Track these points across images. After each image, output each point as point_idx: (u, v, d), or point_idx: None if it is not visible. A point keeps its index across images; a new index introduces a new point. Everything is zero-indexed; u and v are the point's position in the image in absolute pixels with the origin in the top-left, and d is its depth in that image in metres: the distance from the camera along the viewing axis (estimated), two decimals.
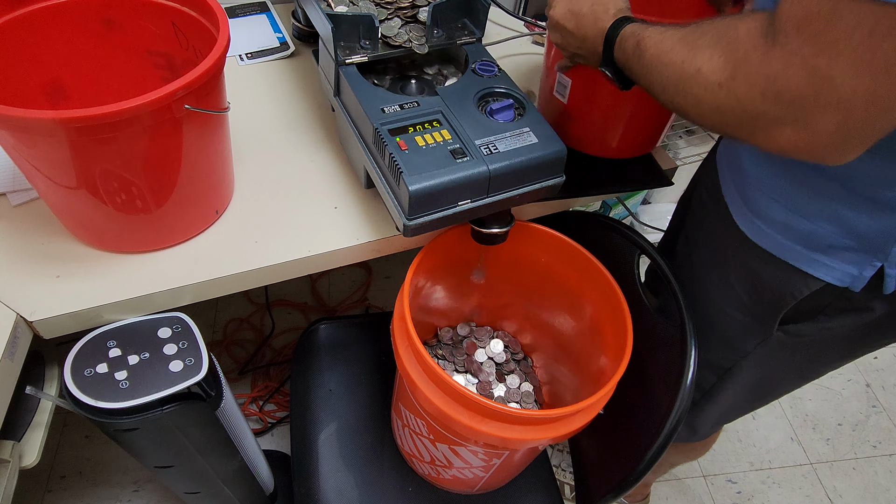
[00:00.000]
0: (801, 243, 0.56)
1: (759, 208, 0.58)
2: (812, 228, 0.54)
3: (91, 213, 0.57)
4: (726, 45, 0.40)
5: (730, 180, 0.62)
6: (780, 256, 0.58)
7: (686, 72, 0.43)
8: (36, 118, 0.43)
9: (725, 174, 0.64)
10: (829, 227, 0.53)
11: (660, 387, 0.67)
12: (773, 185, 0.56)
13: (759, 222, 0.58)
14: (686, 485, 1.32)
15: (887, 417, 1.48)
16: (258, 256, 0.63)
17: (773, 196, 0.56)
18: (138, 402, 0.54)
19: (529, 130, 0.61)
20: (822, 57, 0.35)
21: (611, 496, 0.70)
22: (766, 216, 0.57)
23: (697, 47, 0.42)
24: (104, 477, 1.18)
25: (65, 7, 0.57)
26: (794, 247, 0.56)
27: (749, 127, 0.41)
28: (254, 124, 0.77)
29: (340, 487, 0.78)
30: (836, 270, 0.55)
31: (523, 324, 0.88)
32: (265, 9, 0.96)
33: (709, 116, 0.43)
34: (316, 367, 0.90)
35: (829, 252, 0.54)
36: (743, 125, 0.41)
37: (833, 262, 0.55)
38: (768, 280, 0.60)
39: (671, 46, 0.45)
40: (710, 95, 0.41)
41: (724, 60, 0.40)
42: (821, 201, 0.53)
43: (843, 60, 0.34)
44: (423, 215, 0.58)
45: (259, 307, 1.45)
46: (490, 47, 0.76)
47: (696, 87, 0.43)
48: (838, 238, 0.53)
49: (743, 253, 0.62)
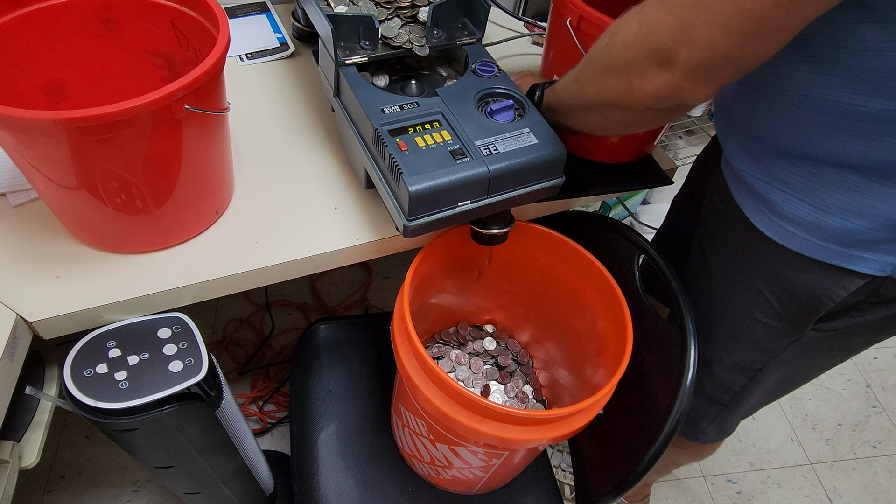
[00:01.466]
0: (836, 241, 0.55)
1: (786, 212, 0.57)
2: (845, 225, 0.53)
3: (91, 214, 0.57)
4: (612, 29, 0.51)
5: (744, 187, 0.61)
6: (814, 258, 0.57)
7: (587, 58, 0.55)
8: (36, 118, 0.43)
9: (738, 181, 0.62)
10: (862, 222, 0.52)
11: (660, 387, 0.67)
12: (801, 186, 0.55)
13: (788, 226, 0.57)
14: (686, 485, 1.32)
15: (887, 418, 1.48)
16: (258, 257, 0.63)
17: (802, 197, 0.55)
18: (138, 403, 0.54)
19: (529, 131, 0.61)
20: (681, 8, 0.43)
21: (611, 496, 0.70)
22: (795, 219, 0.56)
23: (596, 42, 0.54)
24: (104, 477, 1.18)
25: (65, 7, 0.57)
26: (828, 246, 0.56)
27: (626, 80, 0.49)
28: (254, 124, 0.77)
29: (340, 487, 0.78)
30: (875, 262, 0.54)
31: (523, 324, 0.88)
32: (265, 9, 0.96)
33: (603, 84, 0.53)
34: (316, 368, 0.90)
35: (866, 246, 0.54)
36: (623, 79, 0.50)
37: (872, 255, 0.54)
38: (802, 285, 0.60)
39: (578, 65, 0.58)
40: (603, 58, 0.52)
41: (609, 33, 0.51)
42: (851, 197, 0.52)
43: (668, 14, 0.44)
44: (423, 216, 0.58)
45: (259, 307, 1.45)
46: (490, 48, 0.76)
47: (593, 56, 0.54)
48: (873, 232, 0.53)
49: (771, 259, 0.61)
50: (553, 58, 0.74)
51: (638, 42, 0.47)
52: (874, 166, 0.49)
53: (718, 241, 0.70)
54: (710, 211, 0.71)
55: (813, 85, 0.49)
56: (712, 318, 0.71)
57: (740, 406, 0.79)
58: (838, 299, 0.58)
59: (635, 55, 0.47)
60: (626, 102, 0.51)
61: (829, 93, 0.48)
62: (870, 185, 0.51)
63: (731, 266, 0.68)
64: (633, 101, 0.50)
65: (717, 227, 0.70)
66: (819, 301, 0.60)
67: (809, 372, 0.75)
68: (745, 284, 0.66)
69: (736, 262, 0.67)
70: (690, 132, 1.35)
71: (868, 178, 0.50)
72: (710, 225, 0.71)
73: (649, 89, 0.47)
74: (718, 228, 0.69)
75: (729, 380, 0.75)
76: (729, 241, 0.67)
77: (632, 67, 0.48)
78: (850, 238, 0.54)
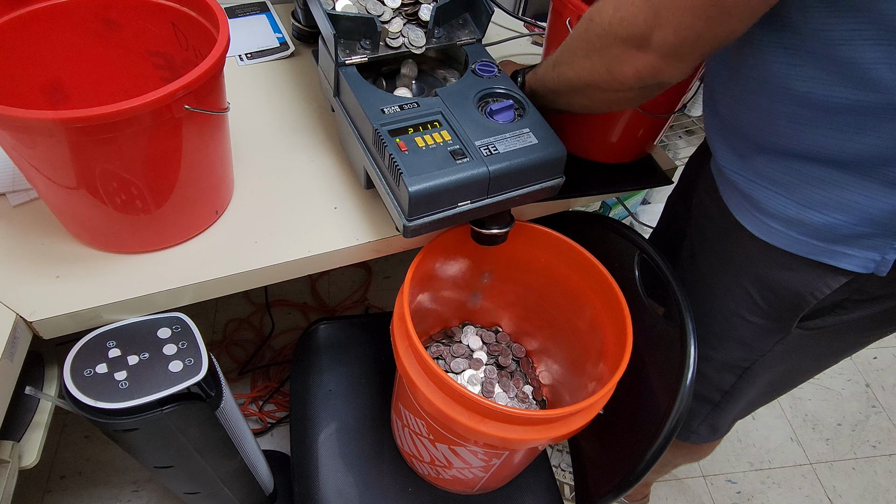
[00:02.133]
0: (818, 237, 0.55)
1: (769, 207, 0.57)
2: (826, 221, 0.54)
3: (91, 214, 0.57)
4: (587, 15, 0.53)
5: (730, 185, 0.62)
6: (797, 253, 0.57)
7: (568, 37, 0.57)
8: (36, 118, 0.43)
9: (725, 179, 0.63)
10: (843, 217, 0.53)
11: (660, 387, 0.67)
12: (782, 182, 0.56)
13: (772, 221, 0.58)
14: (686, 485, 1.32)
15: (887, 417, 1.48)
16: (258, 256, 0.63)
17: (784, 193, 0.56)
18: (138, 403, 0.54)
19: (529, 131, 0.61)
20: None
21: (611, 496, 0.70)
22: (777, 215, 0.57)
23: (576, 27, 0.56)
24: (104, 477, 1.18)
25: (65, 7, 0.57)
26: (810, 241, 0.56)
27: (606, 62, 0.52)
28: (254, 124, 0.77)
29: (340, 487, 0.78)
30: (857, 258, 0.54)
31: (523, 324, 0.88)
32: (265, 9, 0.96)
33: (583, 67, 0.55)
34: (316, 368, 0.90)
35: (848, 241, 0.54)
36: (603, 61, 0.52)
37: (853, 251, 0.54)
38: (785, 282, 0.60)
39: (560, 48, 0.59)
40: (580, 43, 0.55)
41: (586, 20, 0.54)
42: (831, 192, 0.52)
43: None
44: (423, 216, 0.58)
45: (259, 307, 1.45)
46: (490, 48, 0.76)
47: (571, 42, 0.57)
48: (854, 227, 0.53)
49: (755, 257, 0.61)
50: None
51: (614, 28, 0.49)
52: (852, 160, 0.50)
53: (707, 241, 0.70)
54: (699, 210, 0.72)
55: (790, 77, 0.49)
56: (701, 317, 0.71)
57: (731, 406, 0.79)
58: (821, 296, 0.58)
59: (613, 41, 0.50)
60: (608, 84, 0.53)
61: (806, 85, 0.49)
62: (848, 179, 0.51)
63: (718, 265, 0.68)
64: (613, 82, 0.53)
65: (705, 226, 0.70)
66: (802, 298, 0.60)
67: (801, 372, 0.75)
68: (732, 283, 0.66)
69: (723, 260, 0.67)
70: (690, 132, 1.35)
71: (846, 172, 0.51)
72: (699, 224, 0.72)
73: (629, 71, 0.50)
74: (707, 227, 0.70)
75: (718, 379, 0.76)
76: (717, 240, 0.68)
77: (610, 52, 0.51)
78: (831, 233, 0.54)
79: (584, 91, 0.57)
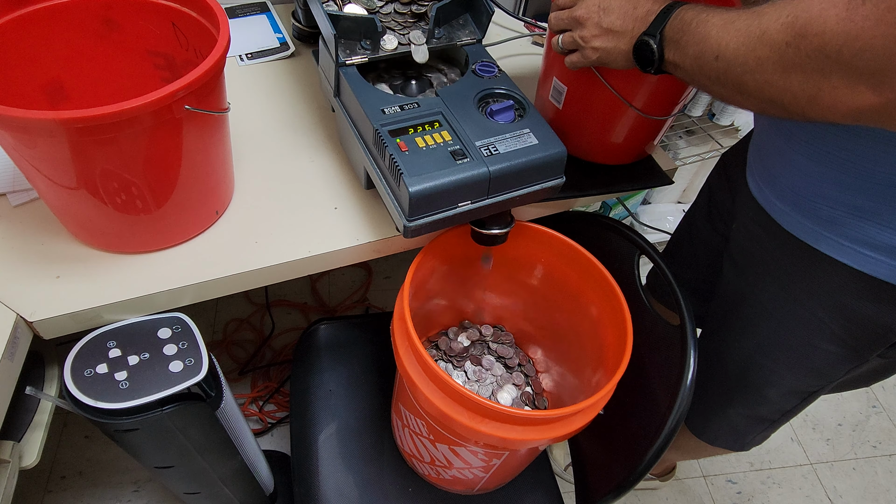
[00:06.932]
0: None
1: (865, 237, 0.54)
2: None
3: (91, 214, 0.57)
4: (797, 4, 0.40)
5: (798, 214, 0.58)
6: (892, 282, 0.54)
7: (750, 34, 0.43)
8: (36, 118, 0.43)
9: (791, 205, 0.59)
10: None
11: (660, 387, 0.67)
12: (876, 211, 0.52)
13: (867, 250, 0.54)
14: (686, 485, 1.32)
15: (887, 418, 1.48)
16: (258, 257, 0.63)
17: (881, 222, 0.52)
18: (138, 403, 0.54)
19: (529, 132, 0.61)
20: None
21: (611, 496, 0.70)
22: (875, 243, 0.53)
23: (762, 13, 0.42)
24: (104, 477, 1.18)
25: (65, 7, 0.57)
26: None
27: (814, 89, 0.41)
28: (254, 125, 0.77)
29: (340, 487, 0.78)
30: None
31: (524, 325, 0.88)
32: (265, 9, 0.96)
33: (768, 81, 0.43)
34: (316, 368, 0.90)
35: None
36: (807, 87, 0.41)
37: None
38: (873, 315, 0.57)
39: (736, 16, 0.45)
40: (776, 55, 0.41)
41: (793, 18, 0.40)
42: None
43: None
44: (424, 216, 0.58)
45: (259, 307, 1.45)
46: (490, 48, 0.76)
47: (760, 48, 0.42)
48: None
49: (837, 286, 0.58)
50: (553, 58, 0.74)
51: (844, 56, 0.38)
52: None
53: (760, 268, 0.67)
54: (744, 235, 0.69)
55: None
56: (766, 347, 0.69)
57: (787, 420, 0.79)
58: None
59: (836, 68, 0.39)
60: (800, 110, 0.43)
61: None
62: None
63: (781, 294, 0.65)
64: (811, 111, 0.42)
65: (756, 253, 0.67)
66: (891, 330, 0.57)
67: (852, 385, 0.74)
68: (803, 313, 0.63)
69: (787, 289, 0.64)
70: (690, 132, 1.35)
71: None
72: (745, 249, 0.69)
73: (844, 108, 0.40)
74: (757, 254, 0.67)
75: (782, 403, 0.75)
76: (774, 268, 0.65)
77: (827, 80, 0.40)
78: None
79: (755, 101, 0.46)
